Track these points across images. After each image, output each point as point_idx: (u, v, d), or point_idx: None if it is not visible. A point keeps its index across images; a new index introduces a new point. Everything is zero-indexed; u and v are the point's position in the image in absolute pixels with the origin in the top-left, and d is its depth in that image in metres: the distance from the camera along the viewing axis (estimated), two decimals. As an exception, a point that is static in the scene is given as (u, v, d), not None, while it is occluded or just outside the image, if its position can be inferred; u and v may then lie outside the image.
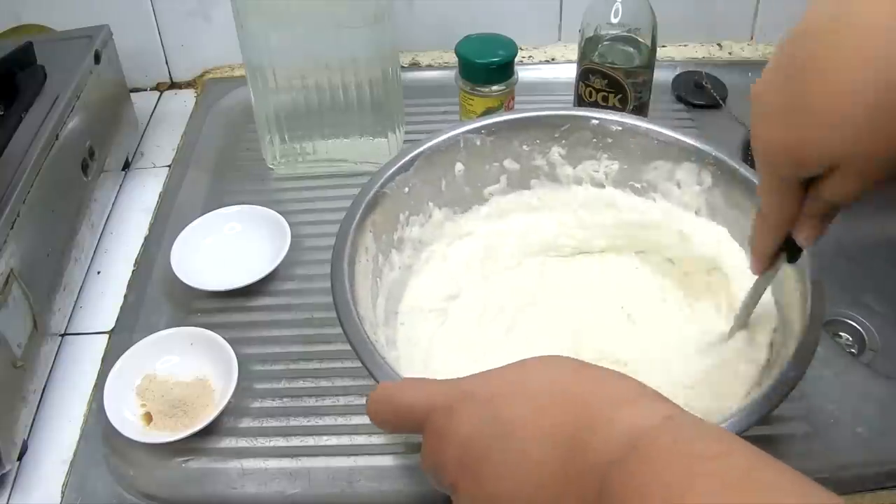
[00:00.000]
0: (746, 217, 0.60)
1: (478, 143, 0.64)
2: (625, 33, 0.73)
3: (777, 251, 0.48)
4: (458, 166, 0.64)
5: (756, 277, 0.52)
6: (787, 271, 0.53)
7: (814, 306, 0.50)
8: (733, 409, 0.46)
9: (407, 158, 0.62)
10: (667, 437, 0.30)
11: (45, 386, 0.64)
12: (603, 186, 0.66)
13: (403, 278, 0.62)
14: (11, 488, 0.58)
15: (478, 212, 0.67)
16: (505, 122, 0.65)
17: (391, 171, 0.61)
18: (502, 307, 0.62)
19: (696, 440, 0.30)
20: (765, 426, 0.58)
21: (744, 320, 0.55)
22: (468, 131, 0.64)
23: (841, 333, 0.82)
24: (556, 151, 0.66)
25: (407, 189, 0.62)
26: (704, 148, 0.62)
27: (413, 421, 0.38)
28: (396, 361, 0.52)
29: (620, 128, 0.64)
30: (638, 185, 0.66)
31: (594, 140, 0.65)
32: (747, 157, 0.82)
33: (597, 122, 0.65)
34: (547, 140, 0.66)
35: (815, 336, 0.49)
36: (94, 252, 0.76)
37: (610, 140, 0.65)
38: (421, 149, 0.62)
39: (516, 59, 0.77)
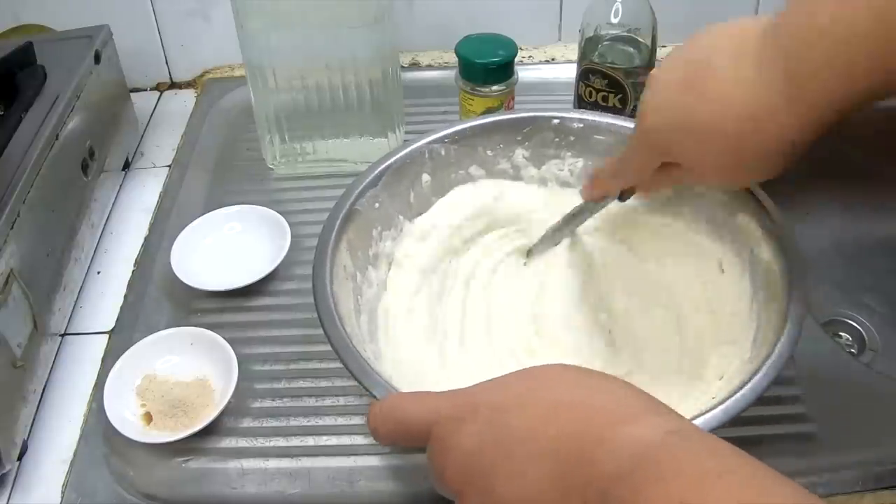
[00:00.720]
0: (709, 203, 0.60)
1: (442, 152, 0.64)
2: (625, 33, 0.73)
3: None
4: (425, 177, 0.64)
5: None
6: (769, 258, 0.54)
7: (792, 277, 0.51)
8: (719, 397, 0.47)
9: (375, 173, 0.61)
10: (673, 453, 0.30)
11: (45, 386, 0.64)
12: (568, 184, 0.67)
13: (379, 294, 0.61)
14: (11, 488, 0.58)
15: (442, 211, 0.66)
16: (468, 129, 0.65)
17: (361, 187, 0.60)
18: (485, 317, 0.62)
19: (705, 457, 0.30)
20: (765, 426, 0.58)
21: (550, 244, 0.63)
22: (432, 141, 0.64)
23: (841, 333, 0.82)
24: (519, 154, 0.66)
25: (377, 204, 0.61)
26: None
27: (417, 435, 0.38)
28: (389, 378, 0.52)
29: (581, 125, 0.64)
30: None
31: (556, 139, 0.65)
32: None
33: (558, 121, 0.65)
34: (510, 143, 0.66)
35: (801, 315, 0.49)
36: (94, 252, 0.76)
37: (572, 138, 0.65)
38: (388, 162, 0.62)
39: (516, 59, 0.77)
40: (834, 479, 0.55)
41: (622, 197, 0.58)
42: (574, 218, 0.62)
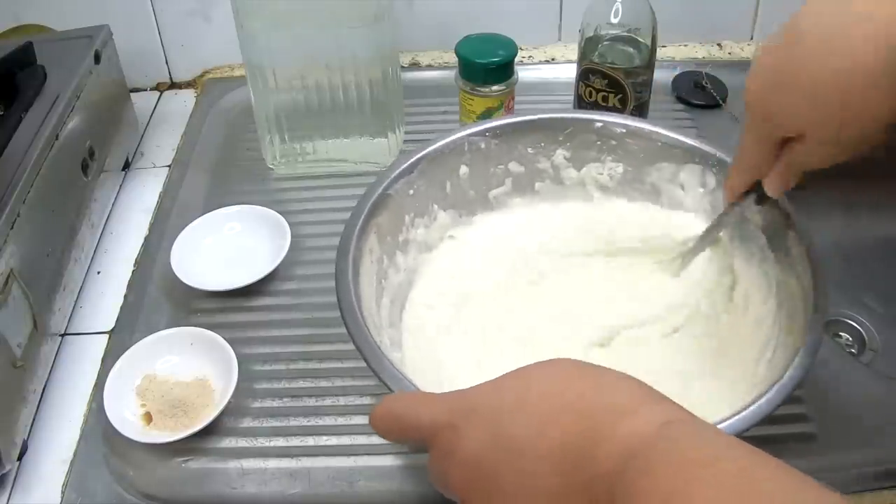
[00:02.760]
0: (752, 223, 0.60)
1: (482, 145, 0.64)
2: (625, 33, 0.73)
3: (747, 191, 0.54)
4: (463, 169, 0.64)
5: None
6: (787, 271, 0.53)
7: (817, 301, 0.51)
8: (736, 406, 0.47)
9: (411, 161, 0.62)
10: (663, 445, 0.31)
11: (45, 386, 0.64)
12: (607, 189, 0.67)
13: (409, 280, 0.62)
14: (11, 488, 0.58)
15: (483, 215, 0.67)
16: (509, 124, 0.65)
17: (396, 174, 0.60)
18: (509, 311, 0.61)
19: (692, 447, 0.30)
20: (765, 426, 0.58)
21: (697, 252, 0.60)
22: (472, 134, 0.64)
23: (841, 333, 0.82)
24: (560, 154, 0.66)
25: (412, 191, 0.61)
26: (708, 149, 0.62)
27: (419, 437, 0.38)
28: (401, 363, 0.52)
29: (624, 130, 0.64)
30: (641, 188, 0.66)
31: (598, 143, 0.65)
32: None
33: (601, 124, 0.65)
34: (551, 143, 0.66)
35: (818, 335, 0.49)
36: (94, 252, 0.76)
37: (614, 142, 0.65)
38: (425, 151, 0.62)
39: (516, 59, 0.77)
40: (834, 479, 0.55)
41: (759, 201, 0.55)
42: (714, 228, 0.60)
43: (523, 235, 0.66)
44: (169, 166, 0.85)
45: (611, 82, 0.74)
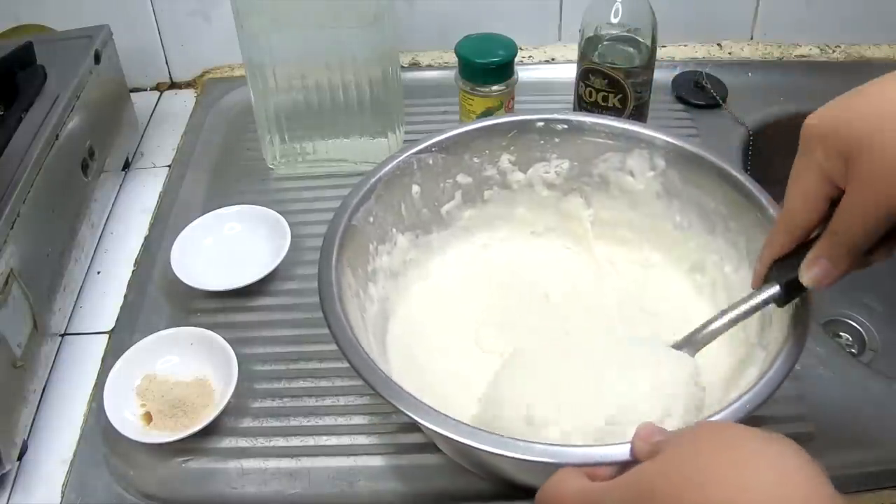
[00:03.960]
0: (707, 195, 0.60)
1: (430, 161, 0.64)
2: (625, 33, 0.73)
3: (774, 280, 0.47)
4: (415, 188, 0.64)
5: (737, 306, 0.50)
6: None
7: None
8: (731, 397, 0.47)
9: (367, 187, 0.61)
10: None
11: (45, 386, 0.64)
12: (555, 186, 0.67)
13: (383, 311, 0.61)
14: (11, 488, 0.58)
15: (439, 234, 0.66)
16: (454, 136, 0.64)
17: (355, 202, 0.59)
18: (487, 327, 0.62)
19: None
20: (765, 426, 0.58)
21: (706, 342, 0.52)
22: (419, 151, 0.63)
23: (841, 333, 0.82)
24: (505, 159, 0.66)
25: (371, 219, 0.61)
26: (651, 133, 0.62)
27: None
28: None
29: (566, 126, 0.64)
30: (590, 181, 0.66)
31: (541, 142, 0.65)
32: (747, 158, 0.82)
33: (542, 123, 0.65)
34: (496, 149, 0.65)
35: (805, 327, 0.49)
36: (94, 252, 0.76)
37: (557, 140, 0.65)
38: (378, 175, 0.61)
39: (516, 59, 0.77)
40: (834, 480, 0.55)
41: (786, 297, 0.47)
42: (740, 317, 0.51)
43: (484, 248, 0.67)
44: (169, 166, 0.85)
45: (611, 82, 0.74)
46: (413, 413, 0.46)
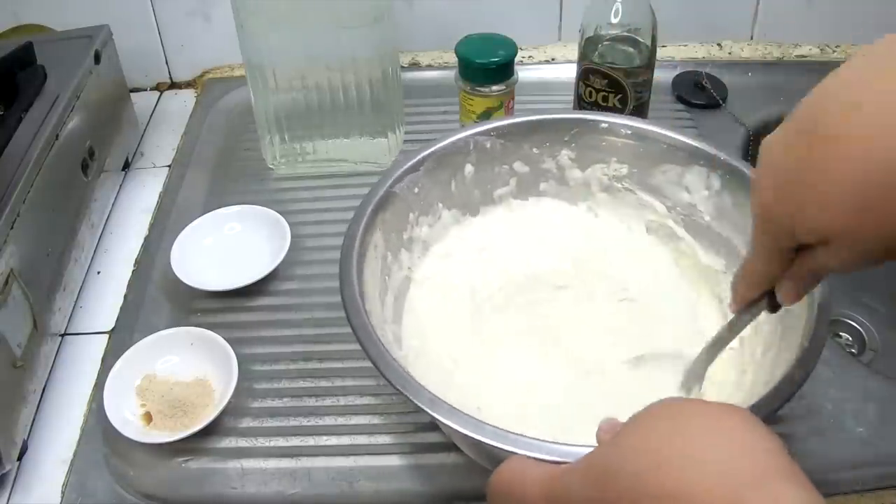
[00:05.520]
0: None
1: (488, 145, 0.64)
2: (625, 33, 0.73)
3: (757, 299, 0.47)
4: (468, 168, 0.64)
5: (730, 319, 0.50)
6: None
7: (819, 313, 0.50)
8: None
9: (417, 159, 0.62)
10: None
11: (45, 386, 0.64)
12: (611, 190, 0.67)
13: (413, 277, 0.62)
14: (11, 488, 0.58)
15: (485, 216, 0.67)
16: (515, 124, 0.65)
17: (401, 171, 0.61)
18: (510, 312, 0.62)
19: None
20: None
21: (705, 367, 0.53)
22: (478, 133, 0.64)
23: (841, 333, 0.82)
24: (565, 154, 0.66)
25: (417, 189, 0.62)
26: (713, 152, 0.62)
27: None
28: (405, 360, 0.52)
29: (630, 131, 0.64)
30: (647, 189, 0.66)
31: (603, 143, 0.65)
32: (747, 156, 0.82)
33: (606, 125, 0.65)
34: (556, 143, 0.66)
35: (822, 336, 0.49)
36: (94, 252, 0.76)
37: (619, 143, 0.65)
38: (431, 149, 0.62)
39: (516, 59, 0.77)
40: (834, 479, 0.56)
41: (772, 309, 0.47)
42: (720, 341, 0.52)
43: (532, 239, 0.66)
44: (169, 166, 0.85)
45: (611, 82, 0.74)
46: (430, 409, 0.46)
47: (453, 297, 0.62)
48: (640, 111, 0.76)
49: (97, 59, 0.79)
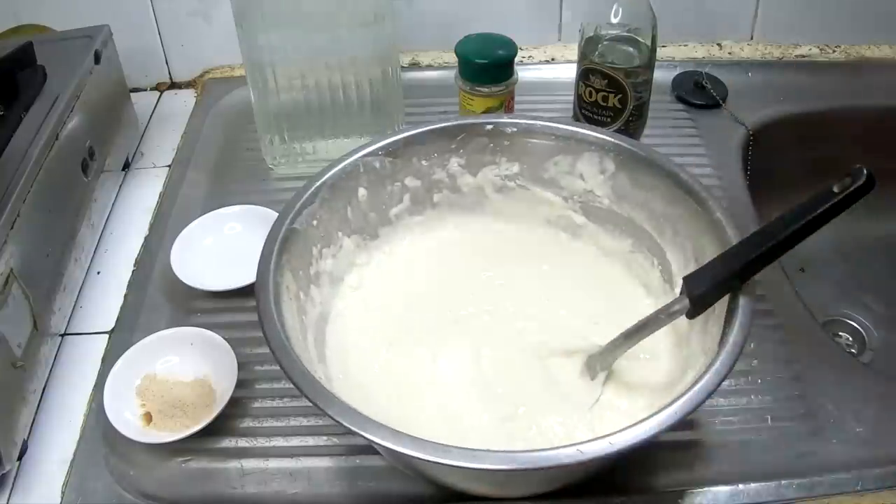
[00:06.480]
0: (655, 197, 0.60)
1: (377, 165, 0.63)
2: (625, 33, 0.73)
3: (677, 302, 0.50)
4: (361, 191, 0.63)
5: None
6: None
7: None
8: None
9: (311, 190, 0.60)
10: None
11: (45, 386, 0.64)
12: (504, 190, 0.66)
13: (325, 313, 0.61)
14: (11, 488, 0.58)
15: (385, 238, 0.66)
16: (400, 140, 0.64)
17: (298, 205, 0.59)
18: (427, 331, 0.61)
19: None
20: (764, 424, 0.58)
21: (615, 357, 0.55)
22: (366, 155, 0.63)
23: (841, 333, 0.82)
24: (454, 162, 0.66)
25: (315, 222, 0.60)
26: (602, 136, 0.62)
27: None
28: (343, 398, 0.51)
29: (515, 129, 0.64)
30: (541, 183, 0.66)
31: (491, 145, 0.65)
32: (747, 158, 0.82)
33: (491, 126, 0.64)
34: (444, 152, 0.65)
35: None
36: (94, 252, 0.76)
37: (507, 142, 0.65)
38: (323, 179, 0.61)
39: (516, 59, 0.77)
40: (834, 479, 0.55)
41: (691, 312, 0.51)
42: (639, 331, 0.54)
43: (432, 252, 0.67)
44: (169, 166, 0.85)
45: (611, 82, 0.74)
46: (341, 419, 0.46)
47: (368, 329, 0.61)
48: (639, 111, 0.76)
49: (97, 59, 0.79)
